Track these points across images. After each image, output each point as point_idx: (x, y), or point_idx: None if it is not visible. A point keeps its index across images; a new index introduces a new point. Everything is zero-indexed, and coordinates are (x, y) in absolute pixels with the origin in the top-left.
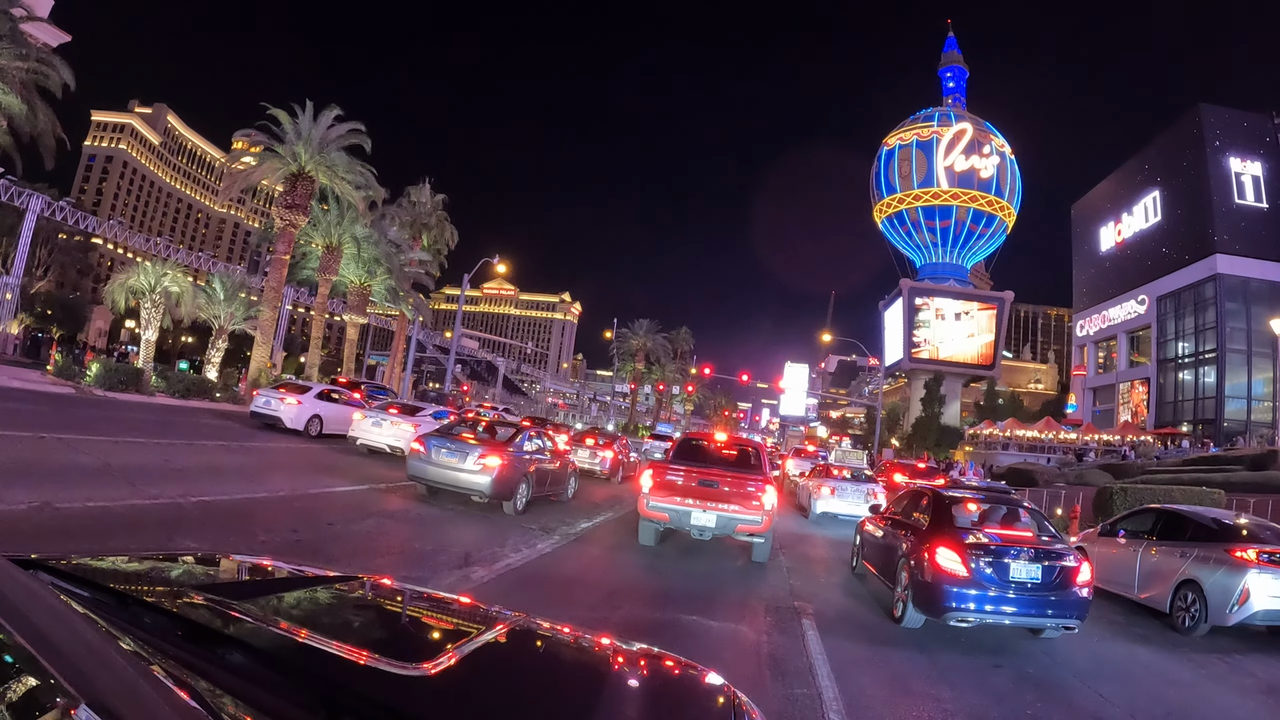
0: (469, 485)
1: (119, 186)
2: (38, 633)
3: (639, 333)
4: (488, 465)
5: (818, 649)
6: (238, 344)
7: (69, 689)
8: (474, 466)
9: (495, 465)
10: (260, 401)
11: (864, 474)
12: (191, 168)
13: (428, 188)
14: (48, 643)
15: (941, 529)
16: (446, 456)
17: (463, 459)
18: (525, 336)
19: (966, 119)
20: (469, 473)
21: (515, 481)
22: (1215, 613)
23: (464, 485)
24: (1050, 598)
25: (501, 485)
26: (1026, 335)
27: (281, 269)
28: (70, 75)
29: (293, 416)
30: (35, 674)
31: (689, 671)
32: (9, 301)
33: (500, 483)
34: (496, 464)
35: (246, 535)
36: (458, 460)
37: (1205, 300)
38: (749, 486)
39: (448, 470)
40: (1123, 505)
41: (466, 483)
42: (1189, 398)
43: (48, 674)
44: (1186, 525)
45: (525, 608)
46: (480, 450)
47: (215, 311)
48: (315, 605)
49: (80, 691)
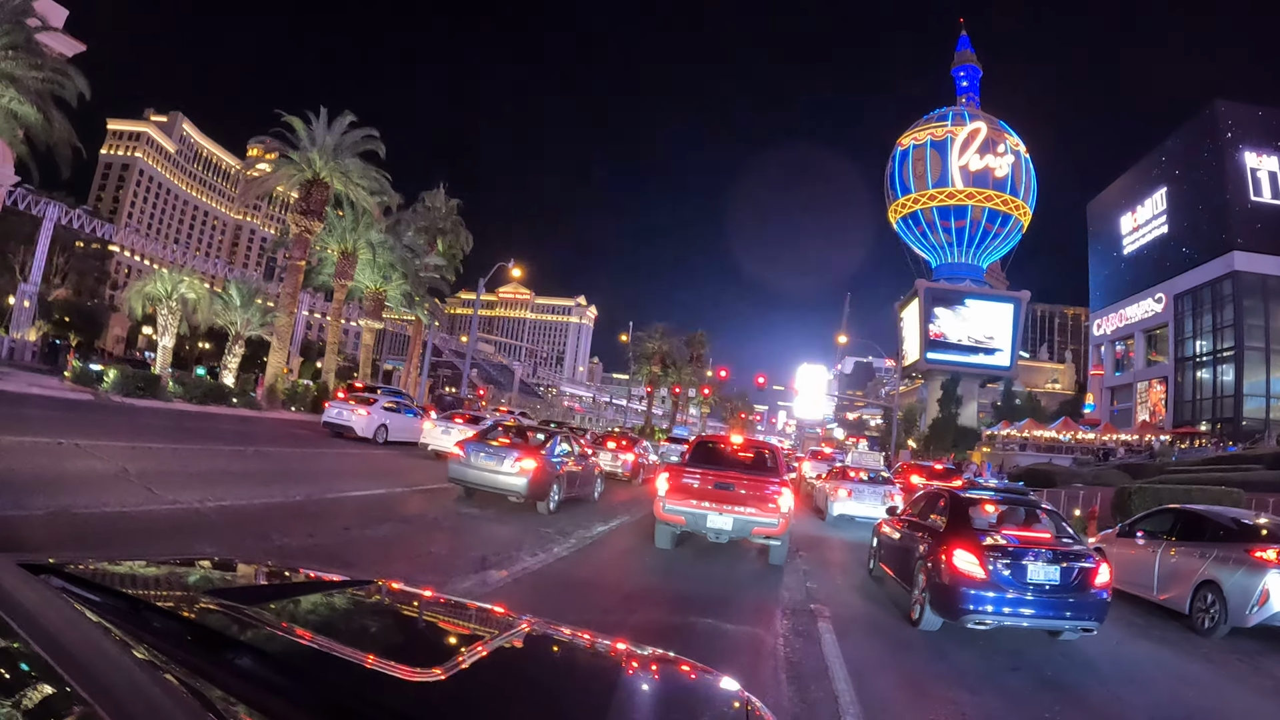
0: (506, 486)
1: (135, 194)
2: (50, 637)
3: (655, 336)
4: (524, 468)
5: (834, 652)
6: (254, 349)
7: (82, 694)
8: (511, 469)
9: (531, 468)
10: (332, 412)
11: (881, 476)
12: (207, 175)
13: (442, 193)
14: (60, 648)
15: (959, 531)
16: (485, 460)
17: (500, 462)
18: (541, 340)
19: (980, 118)
20: (507, 475)
21: (548, 483)
22: (1235, 614)
23: (501, 486)
24: (1069, 599)
25: (536, 486)
26: (1043, 335)
27: (297, 275)
28: (85, 84)
29: (363, 426)
30: (49, 680)
31: (703, 676)
32: (27, 309)
33: (535, 484)
34: (532, 467)
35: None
36: (496, 463)
37: (1223, 298)
38: (765, 489)
39: (486, 473)
40: (1141, 505)
41: (504, 484)
42: (1207, 396)
43: (62, 680)
44: (1206, 525)
45: (542, 610)
46: (517, 454)
47: (232, 317)
48: (329, 610)
49: (93, 697)
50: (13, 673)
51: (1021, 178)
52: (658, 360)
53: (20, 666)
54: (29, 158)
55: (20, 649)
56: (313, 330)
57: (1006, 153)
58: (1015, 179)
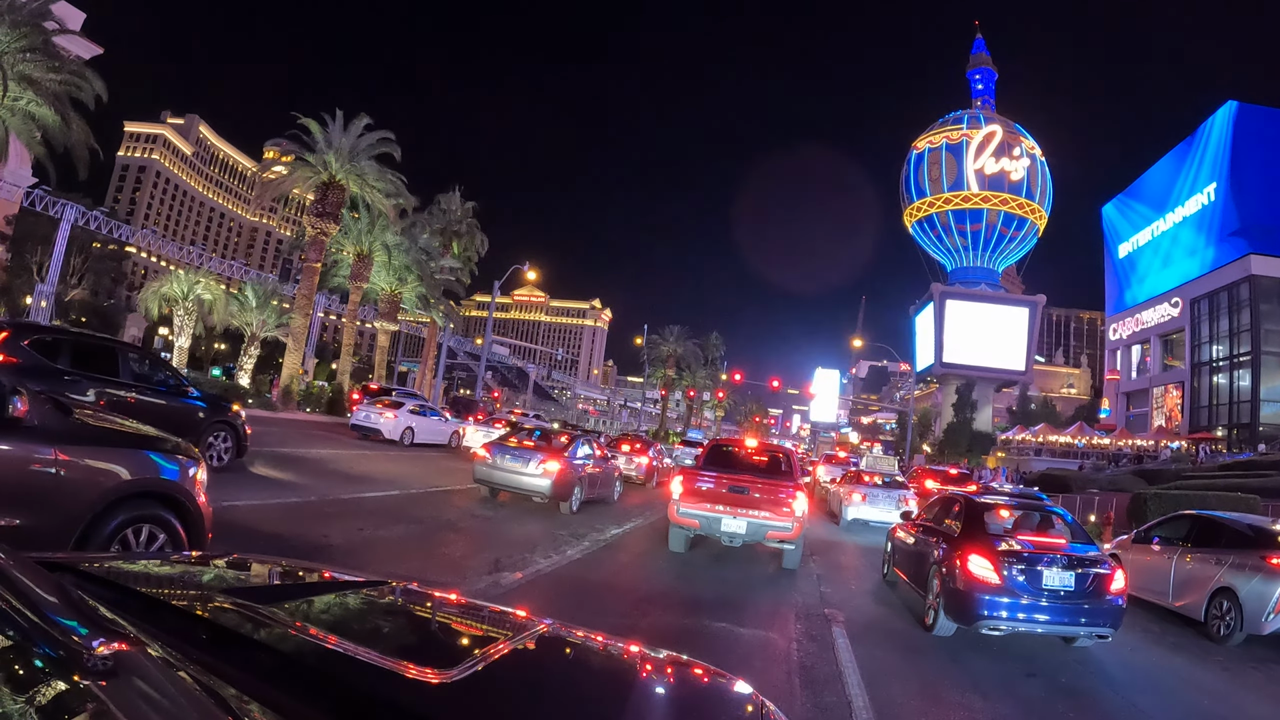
0: (531, 488)
1: (152, 196)
2: (66, 635)
3: (670, 339)
4: (548, 470)
5: (848, 657)
6: (270, 351)
7: (96, 692)
8: (535, 471)
9: (555, 470)
10: (360, 415)
11: (895, 480)
12: (223, 177)
13: (458, 195)
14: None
15: (973, 536)
16: (510, 462)
17: (525, 464)
18: (556, 343)
19: (996, 121)
20: (531, 476)
21: (571, 485)
22: (1251, 621)
23: (526, 488)
24: (1084, 606)
25: (560, 488)
26: (1059, 339)
27: (313, 277)
28: (102, 87)
29: (390, 428)
30: (63, 678)
31: (717, 680)
32: (44, 309)
33: (559, 485)
34: (556, 469)
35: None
36: (520, 465)
37: (1240, 302)
38: (780, 493)
39: (511, 474)
40: (1157, 511)
41: (529, 485)
42: (1224, 401)
43: (75, 678)
44: (1222, 532)
45: (555, 612)
46: (541, 456)
47: (248, 319)
48: (342, 610)
49: (107, 694)
50: (28, 669)
51: (1037, 181)
52: (672, 363)
53: (35, 663)
54: (47, 159)
55: (35, 646)
56: (328, 332)
57: (1022, 156)
58: (1031, 182)
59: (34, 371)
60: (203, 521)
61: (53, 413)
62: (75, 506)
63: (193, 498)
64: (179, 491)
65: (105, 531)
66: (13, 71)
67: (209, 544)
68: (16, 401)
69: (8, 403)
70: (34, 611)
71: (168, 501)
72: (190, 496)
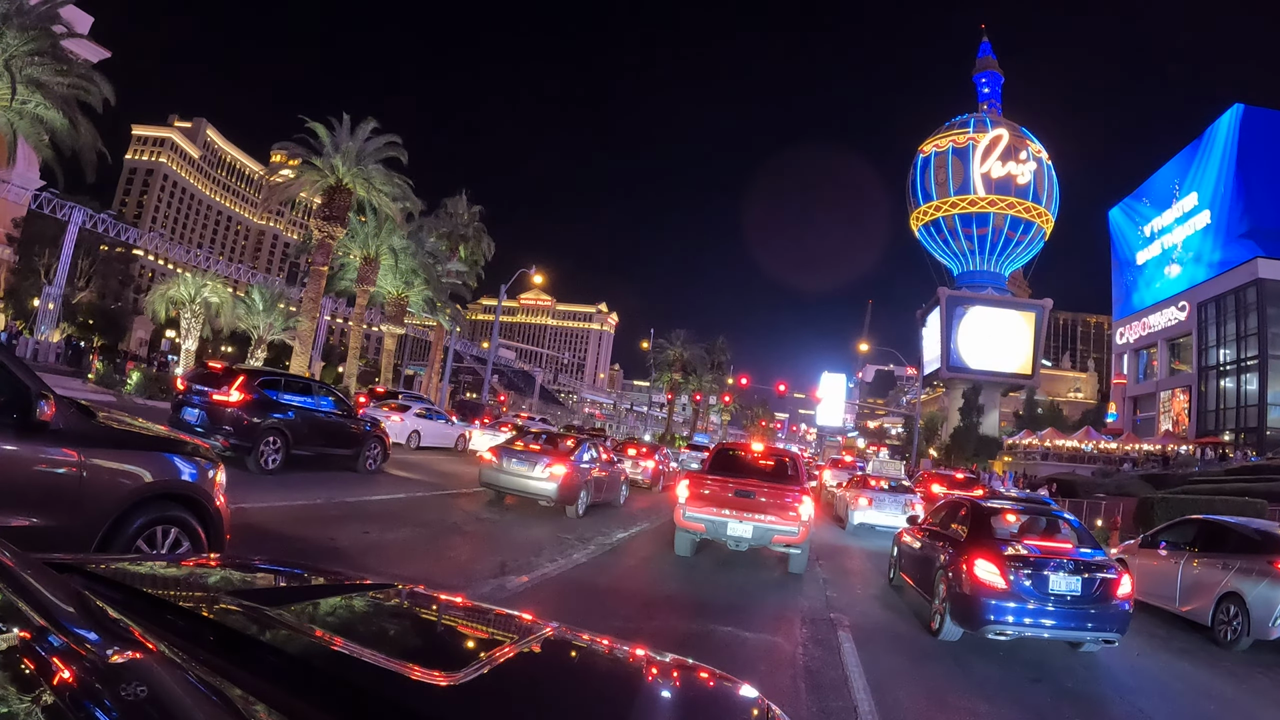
0: (537, 491)
1: (159, 199)
2: (74, 634)
3: (676, 343)
4: (554, 474)
5: (854, 661)
6: (276, 354)
7: (102, 690)
8: (542, 474)
9: (561, 474)
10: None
11: (901, 485)
12: (230, 180)
13: (464, 199)
14: (84, 645)
15: (980, 541)
16: (517, 465)
17: (531, 468)
18: (562, 347)
19: (1002, 124)
20: (538, 480)
21: (577, 488)
22: (1258, 626)
23: (532, 491)
24: (1090, 610)
25: (566, 491)
26: (1066, 343)
27: (320, 280)
28: (110, 90)
29: (397, 431)
30: (71, 676)
31: (722, 683)
32: (51, 311)
33: (565, 489)
34: (562, 472)
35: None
36: (527, 469)
37: (1247, 305)
38: (786, 497)
39: (518, 478)
40: (1164, 516)
41: (535, 489)
42: (1231, 405)
43: (83, 677)
44: (1229, 537)
45: (561, 616)
46: (547, 460)
47: (254, 322)
48: (348, 613)
49: (114, 694)
50: (36, 670)
51: (1044, 185)
52: (678, 367)
53: (43, 665)
54: (54, 162)
55: (45, 646)
56: (335, 335)
57: (1029, 159)
58: (1038, 186)
59: (267, 403)
60: (221, 523)
61: (77, 416)
62: (99, 508)
63: (212, 499)
64: (199, 493)
65: (128, 533)
66: (21, 75)
67: (227, 545)
68: (43, 405)
69: (34, 406)
70: (42, 613)
71: (188, 503)
72: (210, 498)
